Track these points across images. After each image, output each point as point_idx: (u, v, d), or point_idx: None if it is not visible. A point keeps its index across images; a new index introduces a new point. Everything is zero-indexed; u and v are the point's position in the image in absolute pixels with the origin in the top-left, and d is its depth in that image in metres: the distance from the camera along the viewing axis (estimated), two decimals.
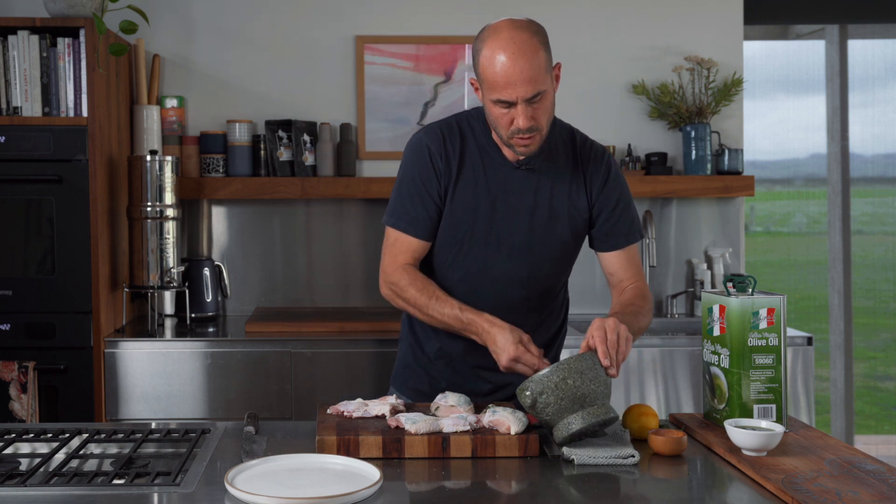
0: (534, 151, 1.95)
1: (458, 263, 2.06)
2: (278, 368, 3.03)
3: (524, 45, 1.86)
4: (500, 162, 2.03)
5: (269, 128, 3.49)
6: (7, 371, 2.94)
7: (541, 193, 2.03)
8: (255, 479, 1.57)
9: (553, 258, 2.08)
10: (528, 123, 1.88)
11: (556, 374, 1.70)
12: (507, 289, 2.06)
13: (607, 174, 2.09)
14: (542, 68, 1.87)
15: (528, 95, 1.86)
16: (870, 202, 4.38)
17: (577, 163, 2.07)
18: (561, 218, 2.05)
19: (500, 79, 1.85)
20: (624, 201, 2.11)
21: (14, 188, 3.00)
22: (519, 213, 2.02)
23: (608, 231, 2.09)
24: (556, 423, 1.73)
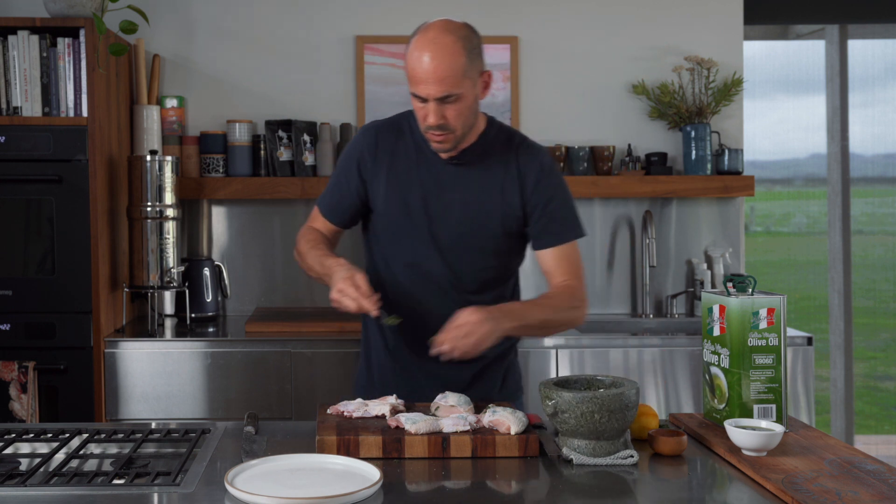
0: (447, 150, 2.04)
1: (395, 257, 2.15)
2: (278, 368, 3.03)
3: (445, 47, 1.95)
4: (433, 158, 2.11)
5: (269, 128, 3.49)
6: (7, 371, 2.94)
7: (472, 189, 2.09)
8: (255, 479, 1.57)
9: (485, 252, 2.11)
10: (436, 121, 1.98)
11: (585, 405, 1.68)
12: (442, 282, 2.12)
13: (541, 172, 2.11)
14: (458, 72, 1.95)
15: (438, 95, 1.95)
16: (870, 202, 4.38)
17: (512, 160, 2.11)
18: (492, 213, 2.09)
19: (417, 74, 1.97)
20: (558, 199, 2.12)
21: (14, 188, 3.00)
22: (450, 208, 2.09)
23: (541, 229, 2.11)
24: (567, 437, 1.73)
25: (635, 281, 3.65)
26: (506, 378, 2.25)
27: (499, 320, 1.94)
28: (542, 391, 1.76)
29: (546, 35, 3.64)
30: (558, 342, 3.08)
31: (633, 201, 3.65)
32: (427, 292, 2.13)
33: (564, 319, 2.09)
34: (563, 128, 3.64)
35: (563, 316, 2.08)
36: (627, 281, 3.66)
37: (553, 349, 3.07)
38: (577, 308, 2.09)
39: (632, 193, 3.51)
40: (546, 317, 2.05)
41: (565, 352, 3.08)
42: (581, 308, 2.10)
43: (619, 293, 3.66)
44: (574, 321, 2.11)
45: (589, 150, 3.58)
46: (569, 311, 2.08)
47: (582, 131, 3.65)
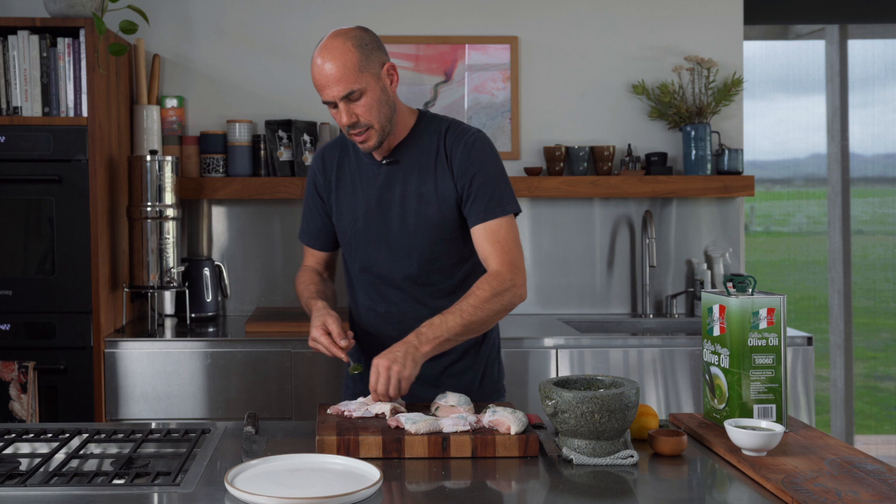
0: (373, 146, 2.08)
1: (353, 264, 2.23)
2: (278, 368, 3.03)
3: (334, 49, 2.01)
4: (370, 163, 2.18)
5: (269, 128, 3.49)
6: (7, 371, 2.94)
7: (408, 184, 2.13)
8: (255, 479, 1.57)
9: (433, 242, 2.14)
10: (348, 120, 2.03)
11: (585, 405, 1.69)
12: (396, 280, 2.17)
13: (468, 151, 2.12)
14: (353, 68, 2.00)
15: (341, 94, 2.01)
16: (870, 202, 4.38)
17: (441, 147, 2.14)
18: (429, 202, 2.12)
19: (318, 81, 2.04)
20: (483, 174, 2.10)
21: (14, 188, 3.00)
22: (390, 206, 2.14)
23: (470, 206, 2.11)
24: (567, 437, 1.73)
25: (635, 281, 3.65)
26: (484, 376, 2.26)
27: (408, 354, 1.93)
28: (542, 391, 1.76)
29: (546, 35, 3.64)
30: (558, 342, 3.08)
31: (633, 201, 3.65)
32: (386, 292, 2.19)
33: (493, 310, 2.03)
34: (563, 128, 3.64)
35: (490, 307, 2.02)
36: (627, 281, 3.66)
37: (553, 349, 3.07)
38: (507, 291, 2.04)
39: (632, 193, 3.51)
40: (467, 319, 2.00)
41: (565, 352, 3.08)
42: (511, 290, 2.04)
43: (619, 293, 3.66)
44: (507, 305, 2.05)
45: (589, 150, 3.58)
46: (494, 301, 2.02)
47: (582, 131, 3.65)
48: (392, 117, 2.09)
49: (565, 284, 3.64)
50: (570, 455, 1.71)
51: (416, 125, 2.16)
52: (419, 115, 2.19)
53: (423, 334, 1.98)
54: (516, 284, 2.06)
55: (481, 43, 3.61)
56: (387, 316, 2.19)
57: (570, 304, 3.65)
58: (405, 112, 2.16)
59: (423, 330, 1.99)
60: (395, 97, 2.11)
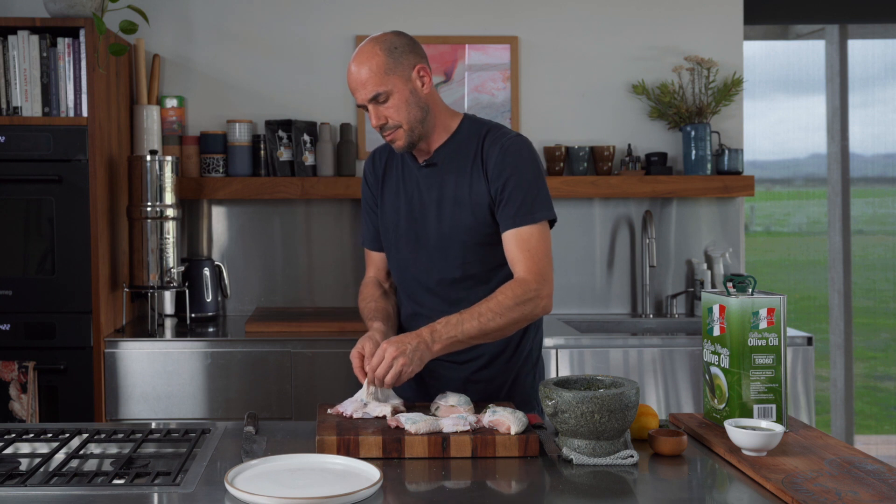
0: (404, 146, 2.10)
1: (396, 264, 2.23)
2: (278, 368, 3.03)
3: (362, 54, 2.06)
4: (413, 164, 2.18)
5: (269, 128, 3.49)
6: (7, 371, 2.94)
7: (446, 187, 2.13)
8: (255, 479, 1.57)
9: (465, 247, 2.12)
10: (377, 122, 2.08)
11: (585, 405, 1.69)
12: (429, 283, 2.17)
13: (502, 154, 2.08)
14: (378, 70, 2.04)
15: (368, 97, 2.05)
16: (870, 202, 4.38)
17: (479, 151, 2.13)
18: (464, 206, 2.11)
19: (350, 86, 2.09)
20: (517, 179, 2.06)
21: (14, 188, 3.00)
22: (429, 209, 2.15)
23: (502, 211, 2.08)
24: (567, 437, 1.73)
25: (635, 281, 3.65)
26: (514, 385, 2.20)
27: (418, 348, 1.91)
28: (542, 391, 1.76)
29: (546, 35, 3.64)
30: (558, 342, 3.08)
31: (633, 201, 3.65)
32: (420, 294, 2.18)
33: (514, 318, 1.99)
34: (563, 128, 3.64)
35: (511, 315, 1.99)
36: (627, 281, 3.66)
37: (553, 349, 3.07)
38: (530, 301, 2.00)
39: (632, 193, 3.51)
40: (484, 324, 1.97)
41: (565, 352, 3.08)
42: (535, 300, 2.01)
43: (619, 293, 3.66)
44: (528, 316, 2.02)
45: (589, 150, 3.58)
46: (516, 310, 1.99)
47: (582, 131, 3.65)
48: (424, 119, 2.09)
49: (565, 284, 3.64)
50: (570, 455, 1.71)
51: (458, 128, 2.15)
52: (463, 118, 2.18)
53: (437, 332, 1.95)
54: (541, 295, 2.02)
55: (481, 43, 3.61)
56: (419, 319, 2.16)
57: (570, 304, 3.65)
58: (445, 114, 2.15)
59: (437, 327, 1.95)
60: (432, 99, 2.11)
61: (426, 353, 1.93)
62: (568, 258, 3.64)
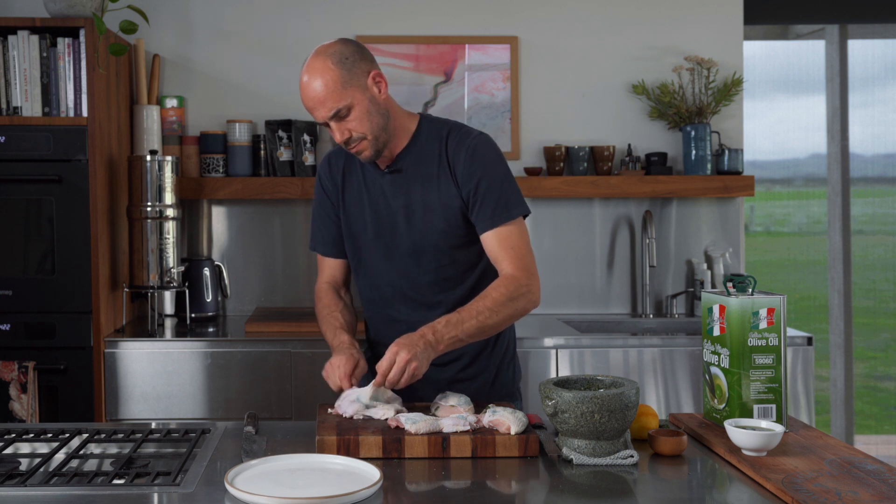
0: (371, 156, 2.07)
1: (362, 271, 2.21)
2: (278, 368, 3.03)
3: (313, 70, 2.00)
4: (375, 171, 2.15)
5: (269, 128, 3.49)
6: (7, 371, 2.94)
7: (413, 193, 2.11)
8: (255, 479, 1.57)
9: (438, 251, 2.12)
10: (342, 137, 2.03)
11: (585, 405, 1.69)
12: (403, 290, 2.15)
13: (469, 157, 2.08)
14: (335, 86, 1.98)
15: (328, 115, 2.00)
16: (870, 202, 4.38)
17: (444, 154, 2.11)
18: (434, 211, 2.10)
19: (306, 104, 2.03)
20: (487, 181, 2.07)
21: (14, 188, 3.00)
22: (396, 215, 2.12)
23: (477, 213, 2.08)
24: (567, 437, 1.73)
25: (635, 281, 3.65)
26: (495, 380, 2.23)
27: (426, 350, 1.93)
28: (542, 391, 1.76)
29: (546, 35, 3.64)
30: (558, 342, 3.08)
31: (633, 201, 3.65)
32: (394, 301, 2.17)
33: (508, 314, 2.02)
34: (563, 128, 3.64)
35: (506, 311, 2.01)
36: (627, 281, 3.66)
37: (553, 349, 3.07)
38: (522, 297, 2.03)
39: (632, 193, 3.51)
40: (482, 322, 1.99)
41: (565, 352, 3.08)
42: (526, 295, 2.03)
43: (619, 293, 3.66)
44: (521, 311, 2.04)
45: (589, 150, 3.58)
46: (509, 305, 2.01)
47: (582, 131, 3.65)
48: (386, 125, 2.06)
49: (565, 284, 3.64)
50: (570, 455, 1.71)
51: (417, 130, 2.13)
52: (420, 119, 2.16)
53: (438, 332, 1.95)
54: (531, 290, 2.05)
55: (481, 43, 3.61)
56: (397, 326, 2.16)
57: (570, 304, 3.65)
58: (403, 117, 2.13)
59: (438, 327, 1.95)
60: (389, 103, 2.08)
61: (431, 353, 1.94)
62: (568, 258, 3.64)
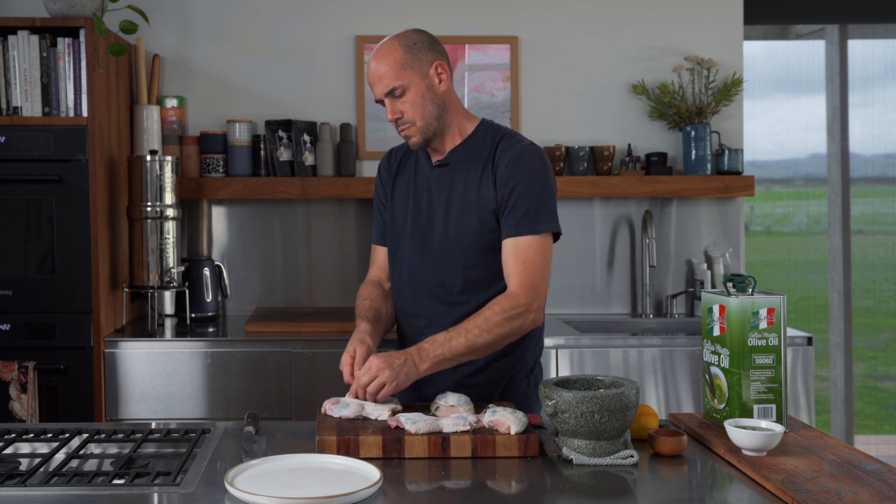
0: (418, 143, 2.11)
1: (396, 261, 2.22)
2: (278, 368, 3.03)
3: (381, 49, 2.09)
4: (425, 164, 2.19)
5: (269, 128, 3.49)
6: (7, 371, 2.94)
7: (455, 188, 2.13)
8: (255, 479, 1.57)
9: (469, 251, 2.11)
10: (392, 116, 2.09)
11: (585, 405, 1.69)
12: (431, 285, 2.15)
13: (513, 162, 2.07)
14: (395, 65, 2.06)
15: (384, 91, 2.08)
16: (870, 202, 4.38)
17: (491, 156, 2.12)
18: (470, 209, 2.11)
19: (369, 81, 2.12)
20: (522, 188, 2.04)
21: (14, 188, 3.00)
22: (436, 209, 2.14)
23: (504, 219, 2.07)
24: (567, 437, 1.73)
25: (635, 281, 3.65)
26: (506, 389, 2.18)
27: (406, 364, 1.93)
28: (542, 391, 1.76)
29: (546, 35, 3.64)
30: (558, 342, 3.08)
31: (633, 201, 3.65)
32: (419, 295, 2.17)
33: (502, 333, 2.00)
34: (563, 128, 3.64)
35: (499, 331, 1.99)
36: (627, 281, 3.66)
37: (553, 349, 3.07)
38: (520, 316, 2.00)
39: (632, 193, 3.51)
40: (472, 341, 1.97)
41: (565, 352, 3.08)
42: (525, 315, 2.01)
43: (619, 293, 3.66)
44: (518, 330, 2.02)
45: (589, 150, 3.58)
46: (504, 325, 1.99)
47: (582, 131, 3.65)
48: (440, 116, 2.10)
49: (565, 284, 3.64)
50: (570, 455, 1.71)
51: (474, 132, 2.15)
52: (480, 122, 2.17)
53: (424, 350, 1.96)
54: (530, 309, 2.02)
55: (481, 43, 3.61)
56: (417, 320, 2.16)
57: (570, 304, 3.65)
58: (462, 116, 2.15)
59: (425, 346, 1.96)
60: (448, 97, 2.11)
61: (413, 370, 1.94)
62: (568, 258, 3.64)
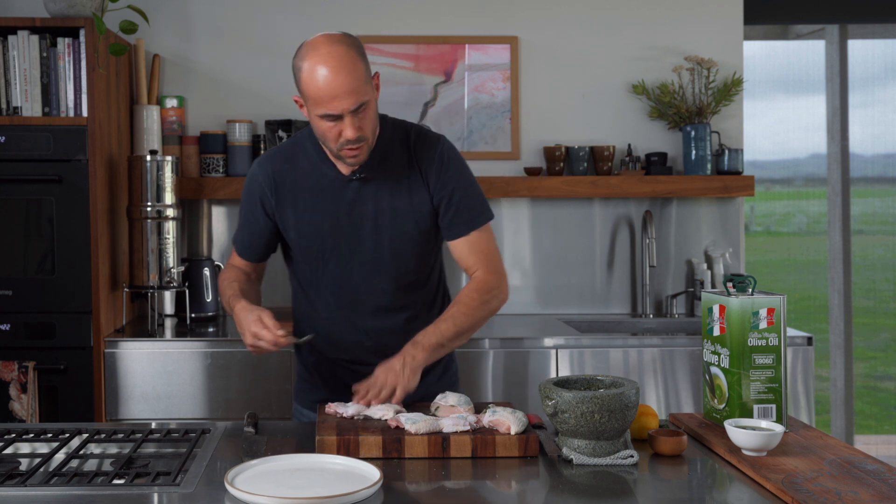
0: (363, 160, 2.03)
1: (319, 279, 2.16)
2: (278, 368, 3.03)
3: (343, 58, 1.92)
4: (336, 178, 2.09)
5: (269, 128, 3.49)
6: (7, 371, 2.94)
7: (381, 200, 2.09)
8: (255, 479, 1.57)
9: (405, 257, 2.13)
10: (355, 134, 1.94)
11: (585, 405, 1.69)
12: (368, 297, 2.14)
13: (441, 163, 2.10)
14: (362, 79, 1.94)
15: (353, 107, 1.92)
16: (870, 202, 4.38)
17: (412, 159, 2.11)
18: (406, 217, 2.10)
19: (325, 93, 1.91)
20: (462, 188, 2.11)
21: (14, 188, 3.00)
22: (363, 223, 2.09)
23: (451, 220, 2.11)
24: (567, 437, 1.73)
25: (635, 281, 3.65)
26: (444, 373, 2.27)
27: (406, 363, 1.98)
28: (542, 391, 1.76)
29: (546, 35, 3.64)
30: (558, 342, 3.08)
31: (633, 201, 3.65)
32: (356, 309, 2.15)
33: (481, 316, 2.10)
34: (563, 128, 3.64)
35: (478, 314, 2.09)
36: (627, 281, 3.66)
37: (553, 349, 3.07)
38: (494, 298, 2.11)
39: (632, 193, 3.51)
40: (459, 325, 2.05)
41: (565, 352, 3.08)
42: (498, 296, 2.12)
43: (619, 293, 3.66)
44: (493, 310, 2.13)
45: (589, 150, 3.58)
46: (483, 308, 2.09)
47: (582, 131, 3.65)
48: (376, 129, 2.05)
49: (565, 284, 3.64)
50: (570, 455, 1.71)
51: (380, 134, 2.10)
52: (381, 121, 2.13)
53: (418, 343, 2.00)
54: (501, 290, 2.14)
55: (481, 43, 3.61)
56: (357, 332, 2.16)
57: (570, 304, 3.65)
58: None
59: (417, 339, 2.01)
60: None
61: (414, 364, 1.97)
62: (568, 258, 3.64)
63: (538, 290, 3.64)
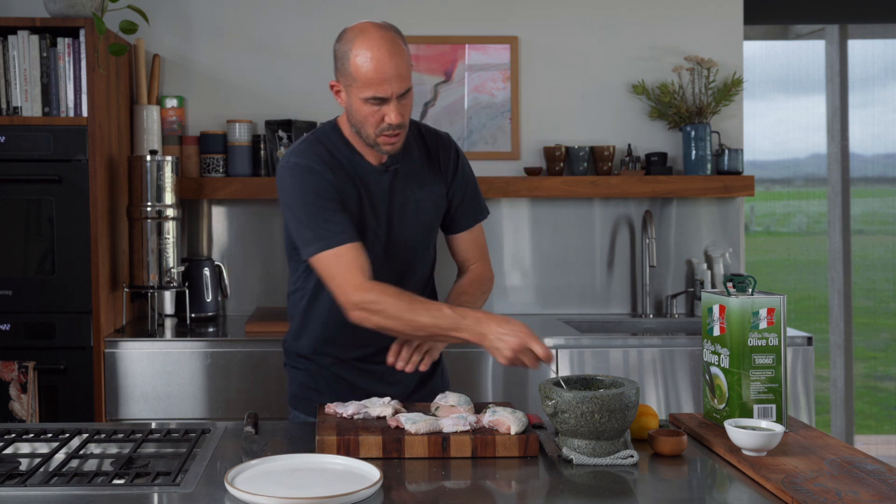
0: (399, 148, 2.06)
1: None
2: (278, 368, 3.03)
3: (393, 43, 1.98)
4: (368, 168, 2.10)
5: (269, 128, 3.49)
6: (7, 371, 2.94)
7: (408, 191, 2.12)
8: (255, 479, 1.57)
9: (426, 247, 2.20)
10: (398, 119, 1.97)
11: (585, 405, 1.69)
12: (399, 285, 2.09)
13: (457, 160, 2.20)
14: (408, 66, 2.00)
15: (401, 91, 1.97)
16: (870, 202, 4.38)
17: (429, 153, 2.17)
18: (426, 209, 2.15)
19: (376, 75, 1.95)
20: (473, 183, 2.24)
21: (14, 188, 3.00)
22: (394, 214, 2.11)
23: (462, 214, 2.21)
24: (568, 437, 1.73)
25: (635, 281, 3.65)
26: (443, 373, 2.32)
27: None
28: (542, 391, 1.76)
29: (546, 35, 3.64)
30: (558, 342, 3.08)
31: (633, 201, 3.65)
32: None
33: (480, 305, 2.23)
34: (563, 128, 3.64)
35: (479, 304, 2.22)
36: (627, 281, 3.66)
37: (553, 349, 3.07)
38: (489, 290, 2.26)
39: (632, 193, 3.51)
40: None
41: (565, 352, 3.08)
42: (490, 289, 2.27)
43: (619, 293, 3.66)
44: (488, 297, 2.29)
45: (589, 150, 3.58)
46: (482, 298, 2.23)
47: (582, 131, 3.65)
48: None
49: (565, 284, 3.64)
50: (570, 455, 1.71)
51: None
52: None
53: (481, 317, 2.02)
54: (492, 279, 2.29)
55: (481, 43, 3.61)
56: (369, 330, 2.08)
57: (570, 304, 3.65)
58: None
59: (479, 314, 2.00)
60: None
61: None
62: (568, 258, 3.64)
63: (538, 290, 3.64)
